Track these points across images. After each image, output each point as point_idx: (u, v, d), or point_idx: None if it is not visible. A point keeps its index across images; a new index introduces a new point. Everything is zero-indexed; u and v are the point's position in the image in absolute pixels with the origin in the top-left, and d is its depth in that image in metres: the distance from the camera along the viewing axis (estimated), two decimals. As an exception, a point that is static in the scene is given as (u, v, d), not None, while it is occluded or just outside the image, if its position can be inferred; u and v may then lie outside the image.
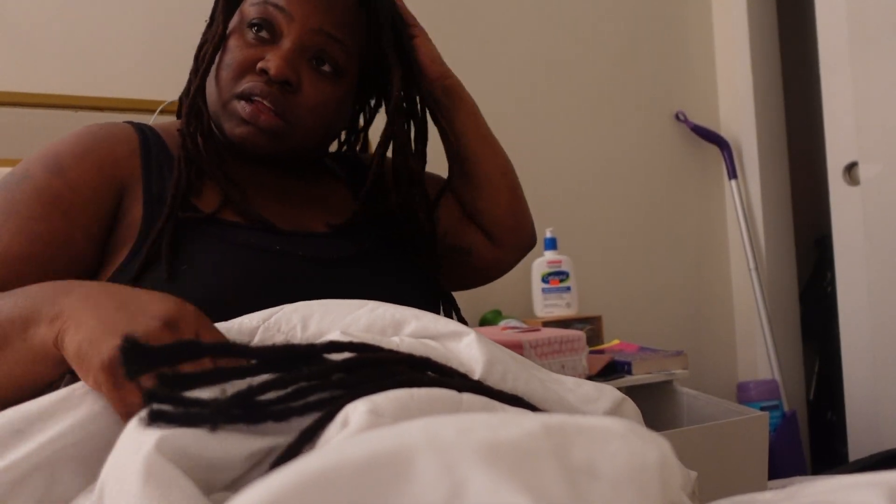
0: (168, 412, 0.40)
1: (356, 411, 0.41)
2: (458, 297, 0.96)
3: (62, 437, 0.47)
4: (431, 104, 0.90)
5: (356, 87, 0.85)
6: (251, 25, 0.77)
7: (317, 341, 0.56)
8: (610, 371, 1.34)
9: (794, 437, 1.77)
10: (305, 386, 0.44)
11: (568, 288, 1.60)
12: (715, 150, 2.02)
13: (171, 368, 0.44)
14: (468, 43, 1.71)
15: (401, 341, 0.56)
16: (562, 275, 1.60)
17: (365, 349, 0.51)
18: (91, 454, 0.47)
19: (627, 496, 0.29)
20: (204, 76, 0.78)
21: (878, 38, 1.52)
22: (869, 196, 1.56)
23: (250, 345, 0.53)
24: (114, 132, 0.78)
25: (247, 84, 0.75)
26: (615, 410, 0.59)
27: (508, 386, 0.55)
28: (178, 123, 0.82)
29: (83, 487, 0.47)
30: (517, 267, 1.02)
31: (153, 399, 0.41)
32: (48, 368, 0.55)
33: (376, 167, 0.85)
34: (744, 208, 1.94)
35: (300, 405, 0.43)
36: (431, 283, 0.88)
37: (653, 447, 0.33)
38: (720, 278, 2.05)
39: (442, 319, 0.61)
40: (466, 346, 0.57)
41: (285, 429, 0.43)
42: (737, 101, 2.00)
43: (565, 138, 1.84)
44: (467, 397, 0.47)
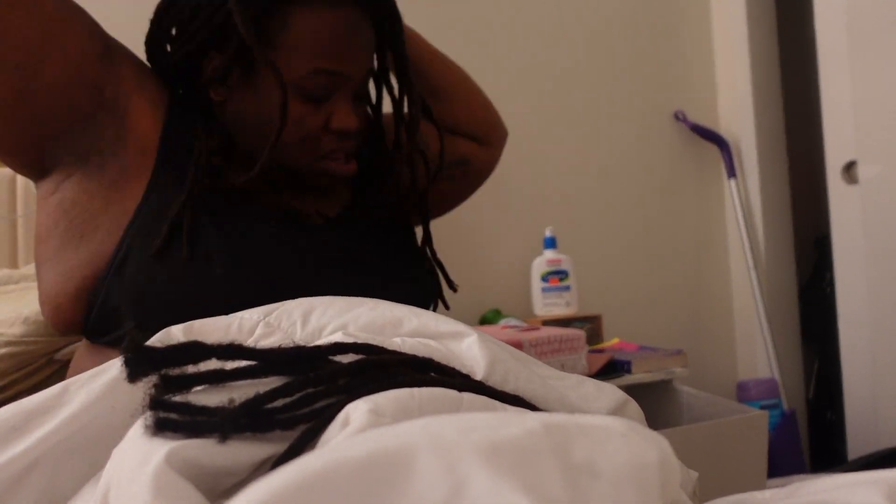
0: (175, 420, 0.40)
1: (357, 411, 0.41)
2: (459, 298, 0.96)
3: (59, 431, 0.47)
4: None
5: None
6: (309, 93, 0.77)
7: (318, 339, 0.57)
8: (609, 370, 1.34)
9: (794, 436, 1.77)
10: (311, 392, 0.44)
11: (567, 287, 1.60)
12: (714, 150, 2.02)
13: (176, 370, 0.44)
14: (467, 43, 1.71)
15: (402, 342, 0.56)
16: (561, 274, 1.60)
17: (369, 350, 0.51)
18: (89, 448, 0.48)
19: (628, 495, 0.30)
20: (274, 148, 0.76)
21: (877, 38, 1.52)
22: (868, 195, 1.56)
23: (255, 347, 0.53)
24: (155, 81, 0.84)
25: (329, 146, 0.79)
26: (618, 410, 0.59)
27: (510, 386, 0.55)
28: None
29: (83, 481, 0.47)
30: (517, 266, 1.03)
31: (159, 406, 0.41)
32: None
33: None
34: (743, 208, 1.94)
35: (307, 412, 0.43)
36: (427, 276, 0.91)
37: (653, 446, 0.33)
38: (719, 277, 2.05)
39: (441, 318, 0.61)
40: (468, 347, 0.57)
41: (292, 436, 0.43)
42: (736, 101, 2.00)
43: (564, 137, 1.84)
44: (468, 397, 0.47)
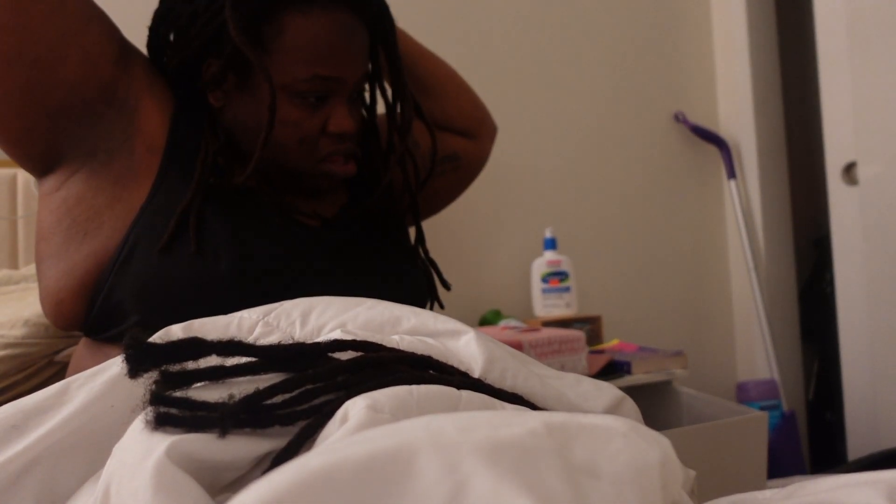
0: (175, 415, 0.40)
1: (355, 407, 0.41)
2: (458, 298, 0.96)
3: (58, 430, 0.47)
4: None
5: None
6: (305, 97, 0.78)
7: (316, 338, 0.57)
8: (609, 371, 1.34)
9: (794, 437, 1.77)
10: (311, 388, 0.44)
11: (567, 288, 1.60)
12: (714, 151, 2.02)
13: (175, 367, 0.44)
14: (467, 42, 1.71)
15: (401, 339, 0.56)
16: (561, 275, 1.60)
17: (367, 347, 0.51)
18: (89, 446, 0.48)
19: (629, 495, 0.30)
20: (264, 147, 0.77)
21: (877, 38, 1.52)
22: (868, 196, 1.56)
23: (255, 343, 0.53)
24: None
25: (327, 149, 0.81)
26: (615, 408, 0.59)
27: (508, 384, 0.55)
28: None
29: (83, 480, 0.47)
30: (517, 267, 1.03)
31: (160, 401, 0.41)
32: None
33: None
34: (743, 208, 1.94)
35: (306, 408, 0.43)
36: (422, 276, 0.92)
37: (654, 446, 0.33)
38: (719, 278, 2.05)
39: (440, 317, 0.61)
40: (465, 345, 0.57)
41: (291, 431, 0.43)
42: (736, 102, 2.00)
43: (565, 138, 1.84)
44: (466, 394, 0.47)
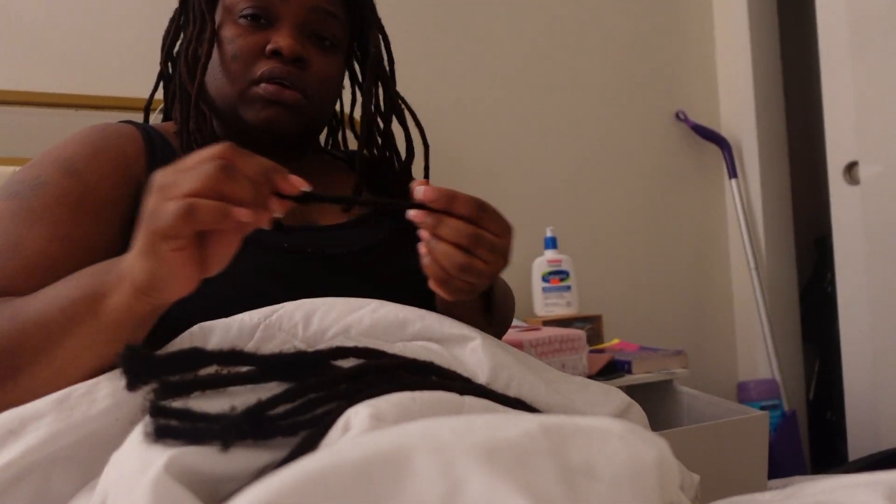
0: (175, 427, 0.39)
1: (358, 416, 0.41)
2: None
3: (57, 438, 0.46)
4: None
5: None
6: (245, 15, 0.77)
7: (320, 342, 0.56)
8: (610, 370, 1.34)
9: (794, 437, 1.77)
10: (313, 398, 0.44)
11: (568, 287, 1.60)
12: (715, 150, 2.02)
13: (176, 376, 0.43)
14: (468, 42, 1.71)
15: (404, 346, 0.55)
16: (562, 274, 1.60)
17: (370, 354, 0.50)
18: (86, 456, 0.47)
19: (626, 496, 0.29)
20: (203, 73, 0.78)
21: (879, 38, 1.51)
22: (869, 196, 1.55)
23: (256, 350, 0.52)
24: (120, 131, 0.78)
25: (263, 68, 0.76)
26: (622, 414, 0.59)
27: (513, 392, 0.54)
28: (173, 125, 0.82)
29: (78, 489, 0.46)
30: (517, 266, 1.02)
31: (160, 412, 0.40)
32: (129, 332, 0.54)
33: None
34: (744, 208, 1.94)
35: (308, 418, 0.43)
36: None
37: (651, 447, 0.32)
38: (720, 277, 2.05)
39: (447, 321, 0.60)
40: (471, 351, 0.57)
41: (292, 442, 0.42)
42: (737, 101, 1.99)
43: (566, 137, 1.84)
44: (469, 401, 0.47)
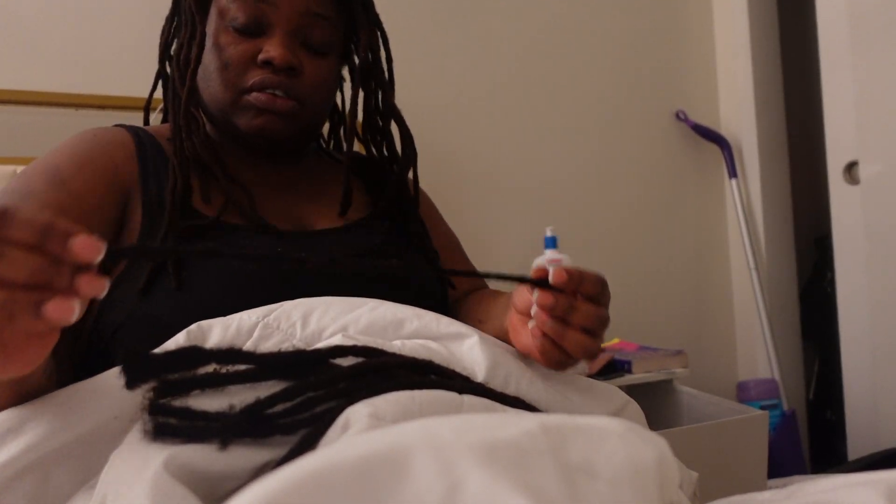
0: (174, 425, 0.39)
1: (357, 414, 0.41)
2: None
3: (55, 437, 0.46)
4: None
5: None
6: (236, 23, 0.77)
7: (318, 342, 0.56)
8: (610, 370, 1.34)
9: (794, 437, 1.77)
10: (312, 396, 0.44)
11: (568, 287, 1.59)
12: (715, 149, 2.01)
13: (175, 374, 0.43)
14: (468, 42, 1.70)
15: (402, 345, 0.55)
16: (562, 274, 1.59)
17: (368, 353, 0.50)
18: (86, 454, 0.47)
19: (625, 495, 0.29)
20: (193, 79, 0.78)
21: (879, 37, 1.51)
22: (869, 195, 1.55)
23: (254, 349, 0.52)
24: (110, 138, 0.78)
25: (255, 78, 0.77)
26: (618, 412, 0.59)
27: (511, 389, 0.54)
28: (167, 129, 0.82)
29: (77, 487, 0.46)
30: (517, 266, 1.01)
31: (159, 411, 0.40)
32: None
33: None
34: (744, 207, 1.93)
35: (307, 416, 0.43)
36: (438, 282, 0.87)
37: (650, 446, 0.32)
38: (720, 277, 2.05)
39: (444, 319, 0.60)
40: (469, 349, 0.56)
41: (291, 440, 0.42)
42: (737, 100, 1.99)
43: (566, 137, 1.84)
44: (469, 399, 0.47)
